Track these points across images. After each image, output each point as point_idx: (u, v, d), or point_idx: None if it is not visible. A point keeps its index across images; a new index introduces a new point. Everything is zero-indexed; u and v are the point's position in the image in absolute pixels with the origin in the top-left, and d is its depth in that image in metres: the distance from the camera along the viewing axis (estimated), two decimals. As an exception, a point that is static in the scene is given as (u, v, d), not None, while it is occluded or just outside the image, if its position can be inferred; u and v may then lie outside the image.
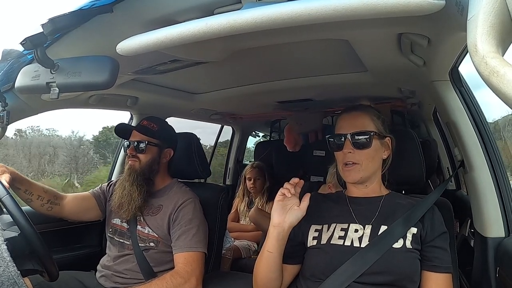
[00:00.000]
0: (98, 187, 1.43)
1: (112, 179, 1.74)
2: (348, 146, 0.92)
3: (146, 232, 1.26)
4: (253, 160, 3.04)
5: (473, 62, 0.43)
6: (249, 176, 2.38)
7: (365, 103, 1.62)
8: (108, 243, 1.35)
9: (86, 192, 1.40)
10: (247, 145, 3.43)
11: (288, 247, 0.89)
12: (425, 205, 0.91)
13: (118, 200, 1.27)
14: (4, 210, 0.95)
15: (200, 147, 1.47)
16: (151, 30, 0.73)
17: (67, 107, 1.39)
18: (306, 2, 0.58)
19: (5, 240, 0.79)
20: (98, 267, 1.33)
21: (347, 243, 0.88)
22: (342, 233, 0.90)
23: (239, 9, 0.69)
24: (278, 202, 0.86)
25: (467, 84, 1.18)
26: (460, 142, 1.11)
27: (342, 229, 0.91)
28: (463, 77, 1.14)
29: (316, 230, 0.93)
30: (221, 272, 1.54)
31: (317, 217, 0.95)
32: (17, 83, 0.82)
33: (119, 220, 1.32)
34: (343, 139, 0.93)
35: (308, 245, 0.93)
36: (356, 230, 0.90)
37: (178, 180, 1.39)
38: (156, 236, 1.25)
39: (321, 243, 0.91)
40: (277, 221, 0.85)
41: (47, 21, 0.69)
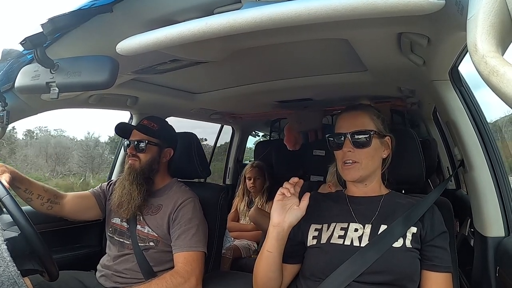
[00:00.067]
0: (98, 186, 1.43)
1: (112, 179, 1.74)
2: (347, 145, 0.92)
3: (146, 231, 1.26)
4: (252, 159, 3.05)
5: (473, 61, 0.43)
6: (249, 175, 2.38)
7: (365, 102, 1.62)
8: (108, 242, 1.35)
9: (86, 191, 1.41)
10: (247, 145, 3.44)
11: (288, 247, 0.89)
12: (425, 204, 0.91)
13: (118, 199, 1.27)
14: (4, 210, 0.95)
15: (200, 147, 1.48)
16: (151, 30, 0.72)
17: (67, 107, 1.40)
18: (306, 2, 0.58)
19: (5, 240, 0.79)
20: (98, 267, 1.34)
21: (347, 242, 0.89)
22: (342, 233, 0.90)
23: (239, 8, 0.69)
24: (278, 202, 0.86)
25: (467, 84, 1.19)
26: (460, 142, 1.11)
27: (342, 229, 0.91)
28: (463, 76, 1.14)
29: (316, 230, 0.94)
30: (221, 272, 1.54)
31: (317, 217, 0.95)
32: (17, 83, 0.82)
33: (119, 219, 1.32)
34: (343, 138, 0.93)
35: (308, 245, 0.93)
36: (356, 230, 0.90)
37: (178, 179, 1.39)
38: (156, 235, 1.25)
39: (321, 242, 0.91)
40: (277, 221, 0.85)
41: (47, 21, 0.69)
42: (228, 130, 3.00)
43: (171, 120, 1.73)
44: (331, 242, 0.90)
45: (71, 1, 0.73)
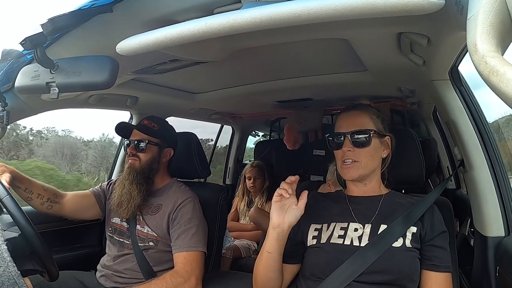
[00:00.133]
0: (99, 185, 1.43)
1: (112, 178, 1.74)
2: (347, 144, 0.92)
3: (146, 231, 1.26)
4: (252, 159, 3.05)
5: (472, 61, 0.43)
6: (248, 175, 2.38)
7: (364, 102, 1.62)
8: (108, 242, 1.35)
9: (86, 190, 1.41)
10: (247, 145, 3.44)
11: (288, 247, 0.89)
12: (425, 204, 0.91)
13: (118, 198, 1.27)
14: (5, 210, 0.95)
15: (200, 147, 1.47)
16: (151, 30, 0.72)
17: (67, 107, 1.40)
18: (306, 2, 0.58)
19: (5, 241, 0.79)
20: (98, 267, 1.34)
21: (347, 242, 0.89)
22: (342, 232, 0.90)
23: (239, 8, 0.69)
24: (276, 203, 0.86)
25: (466, 84, 1.19)
26: (459, 141, 1.11)
27: (341, 228, 0.91)
28: (463, 76, 1.14)
29: (316, 229, 0.94)
30: (221, 272, 1.54)
31: (316, 216, 0.95)
32: (17, 83, 0.82)
33: (119, 219, 1.32)
34: (343, 137, 0.93)
35: (308, 244, 0.93)
36: (356, 229, 0.90)
37: (178, 179, 1.39)
38: (156, 235, 1.25)
39: (321, 242, 0.91)
40: (277, 222, 0.85)
41: (46, 21, 0.69)
42: (228, 130, 3.00)
43: (171, 120, 1.73)
44: (331, 242, 0.90)
45: (71, 1, 0.73)
